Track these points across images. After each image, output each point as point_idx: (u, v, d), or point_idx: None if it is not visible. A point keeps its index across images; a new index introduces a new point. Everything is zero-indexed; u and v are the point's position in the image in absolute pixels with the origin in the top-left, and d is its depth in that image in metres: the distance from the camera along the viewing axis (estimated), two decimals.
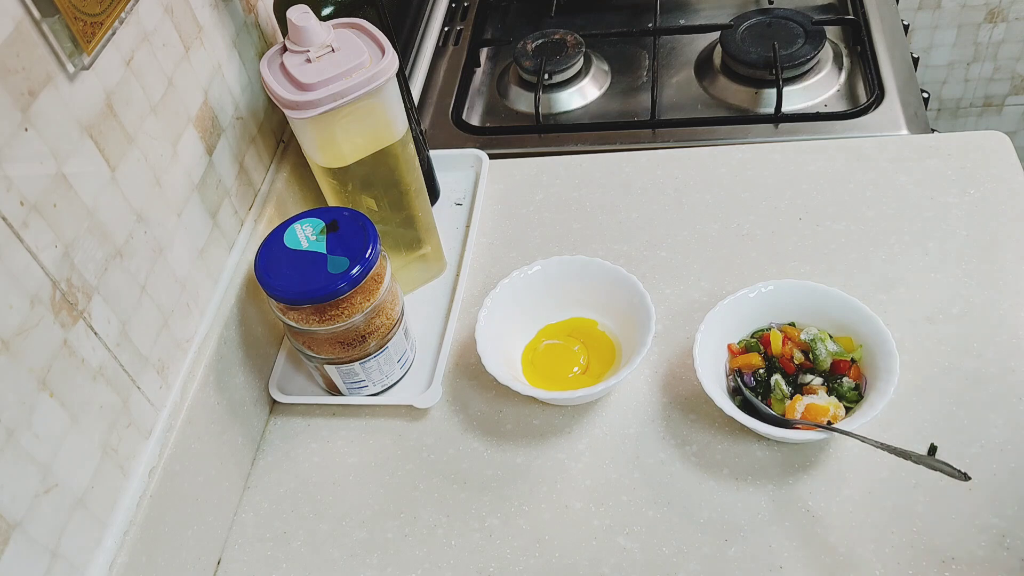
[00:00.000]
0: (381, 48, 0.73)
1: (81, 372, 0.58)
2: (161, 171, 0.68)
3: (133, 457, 0.65)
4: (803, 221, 0.89)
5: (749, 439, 0.74)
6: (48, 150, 0.55)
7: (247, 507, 0.77)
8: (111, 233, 0.62)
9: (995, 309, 0.79)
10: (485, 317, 0.79)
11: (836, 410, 0.70)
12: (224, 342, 0.75)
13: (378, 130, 0.76)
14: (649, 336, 0.74)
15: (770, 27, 1.10)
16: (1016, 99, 1.84)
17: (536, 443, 0.77)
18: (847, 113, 1.01)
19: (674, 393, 0.78)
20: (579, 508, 0.72)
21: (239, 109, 0.81)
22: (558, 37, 1.14)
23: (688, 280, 0.86)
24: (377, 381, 0.80)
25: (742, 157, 0.97)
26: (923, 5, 1.66)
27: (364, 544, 0.73)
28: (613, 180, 0.97)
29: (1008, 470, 0.69)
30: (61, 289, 0.57)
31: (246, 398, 0.79)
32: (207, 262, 0.75)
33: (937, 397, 0.74)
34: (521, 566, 0.69)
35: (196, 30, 0.73)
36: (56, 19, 0.55)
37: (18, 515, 0.53)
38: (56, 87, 0.56)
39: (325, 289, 0.70)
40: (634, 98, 1.12)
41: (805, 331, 0.75)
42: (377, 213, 0.82)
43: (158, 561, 0.65)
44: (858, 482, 0.70)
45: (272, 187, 0.86)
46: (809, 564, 0.66)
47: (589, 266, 0.82)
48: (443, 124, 1.10)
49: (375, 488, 0.76)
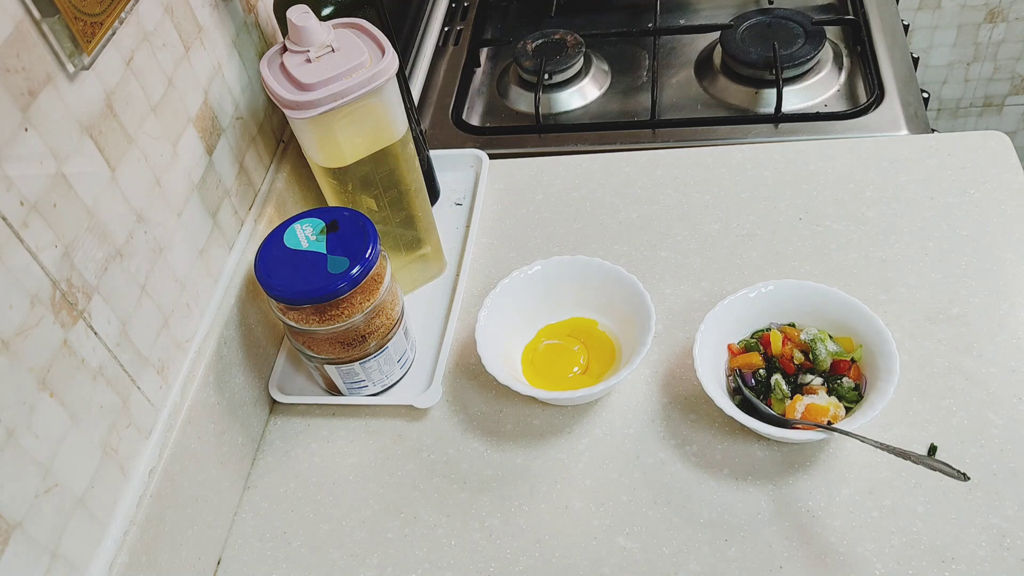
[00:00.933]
0: (381, 48, 0.73)
1: (81, 372, 0.58)
2: (161, 171, 0.68)
3: (133, 457, 0.65)
4: (803, 221, 0.89)
5: (749, 439, 0.74)
6: (48, 150, 0.55)
7: (247, 507, 0.77)
8: (111, 233, 0.62)
9: (995, 309, 0.79)
10: (485, 317, 0.79)
11: (836, 410, 0.70)
12: (224, 342, 0.75)
13: (378, 130, 0.76)
14: (649, 336, 0.74)
15: (770, 27, 1.10)
16: (1016, 99, 1.84)
17: (536, 443, 0.77)
18: (847, 113, 1.02)
19: (674, 393, 0.78)
20: (579, 508, 0.72)
21: (239, 109, 0.81)
22: (558, 37, 1.14)
23: (688, 280, 0.86)
24: (377, 381, 0.80)
25: (742, 157, 0.97)
26: (923, 5, 1.66)
27: (364, 544, 0.73)
28: (613, 180, 0.97)
29: (1008, 470, 0.69)
30: (61, 289, 0.57)
31: (246, 398, 0.79)
32: (207, 262, 0.75)
33: (937, 397, 0.74)
34: (521, 566, 0.69)
35: (196, 30, 0.73)
36: (56, 19, 0.55)
37: (18, 515, 0.53)
38: (56, 87, 0.56)
39: (325, 289, 0.70)
40: (634, 98, 1.12)
41: (805, 331, 0.75)
42: (377, 213, 0.82)
43: (158, 561, 0.65)
44: (858, 482, 0.70)
45: (272, 187, 0.86)
46: (809, 564, 0.66)
47: (589, 266, 0.82)
48: (443, 124, 1.10)
49: (375, 488, 0.76)
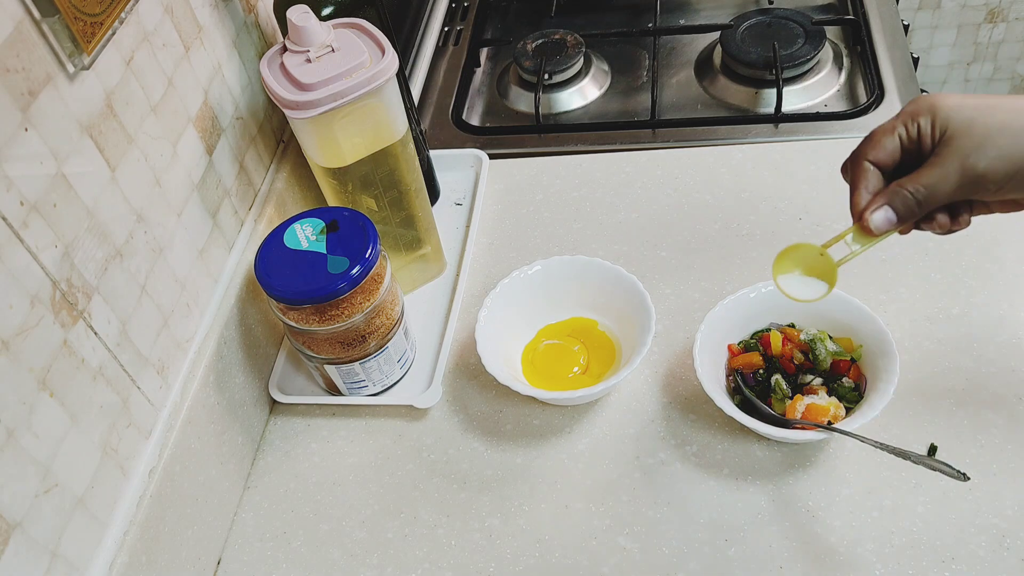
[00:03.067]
0: (381, 48, 0.73)
1: (81, 372, 0.58)
2: (161, 171, 0.68)
3: (133, 457, 0.65)
4: (803, 221, 0.89)
5: (749, 439, 0.74)
6: (48, 150, 0.55)
7: (247, 507, 0.77)
8: (111, 233, 0.62)
9: (995, 309, 0.79)
10: (485, 317, 0.79)
11: (836, 410, 0.70)
12: (224, 342, 0.75)
13: (378, 130, 0.76)
14: (649, 336, 0.74)
15: (770, 27, 1.10)
16: None
17: (536, 443, 0.77)
18: (847, 113, 1.02)
19: (674, 393, 0.78)
20: (579, 508, 0.72)
21: (239, 109, 0.81)
22: (558, 37, 1.14)
23: (688, 280, 0.86)
24: (377, 381, 0.80)
25: (742, 157, 0.97)
26: (923, 5, 1.66)
27: (364, 544, 0.73)
28: (613, 180, 0.97)
29: (1008, 470, 0.69)
30: (61, 289, 0.57)
31: (246, 398, 0.79)
32: (207, 262, 0.75)
33: (937, 397, 0.74)
34: (521, 566, 0.69)
35: (196, 30, 0.73)
36: (56, 19, 0.55)
37: (18, 515, 0.53)
38: (56, 87, 0.56)
39: (325, 289, 0.70)
40: (634, 98, 1.12)
41: (805, 331, 0.75)
42: (377, 213, 0.82)
43: (158, 561, 0.65)
44: (858, 482, 0.70)
45: (272, 187, 0.86)
46: (809, 564, 0.66)
47: (589, 266, 0.82)
48: (443, 124, 1.10)
49: (375, 488, 0.76)
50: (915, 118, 0.53)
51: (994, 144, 0.50)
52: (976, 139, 0.50)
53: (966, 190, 0.52)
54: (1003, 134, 0.50)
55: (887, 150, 0.54)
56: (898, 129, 0.53)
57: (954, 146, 0.51)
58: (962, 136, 0.51)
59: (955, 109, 0.51)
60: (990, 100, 0.52)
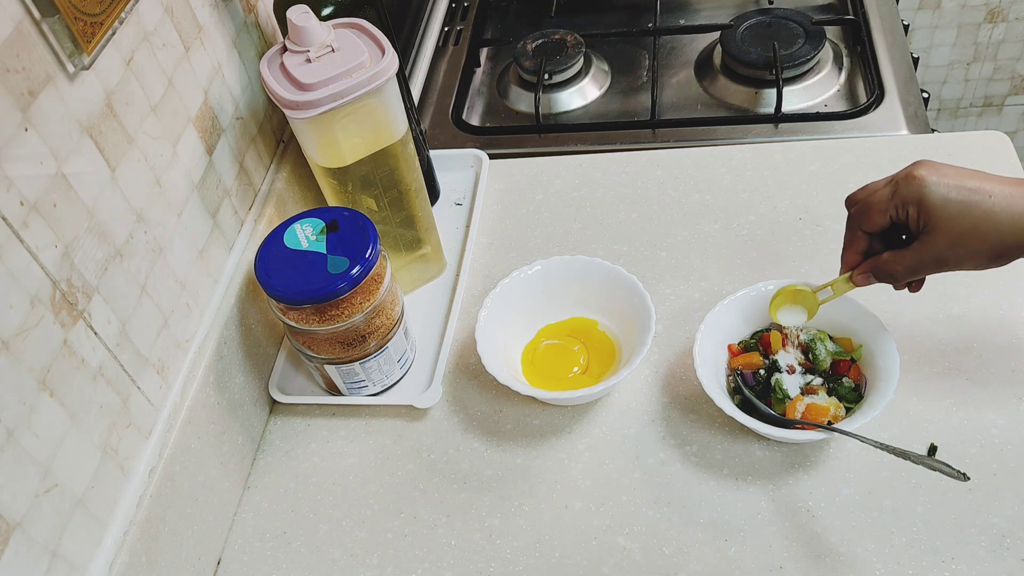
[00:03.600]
0: (381, 48, 0.73)
1: (81, 372, 0.58)
2: (161, 171, 0.68)
3: (133, 457, 0.65)
4: (803, 221, 0.89)
5: (749, 439, 0.74)
6: (48, 150, 0.55)
7: (247, 507, 0.77)
8: (111, 233, 0.62)
9: (995, 309, 0.79)
10: (485, 317, 0.79)
11: (836, 410, 0.70)
12: (224, 342, 0.75)
13: (378, 130, 0.76)
14: (649, 336, 0.74)
15: (770, 27, 1.10)
16: (1016, 99, 1.84)
17: (536, 443, 0.77)
18: (847, 113, 1.02)
19: (674, 393, 0.78)
20: (579, 508, 0.72)
21: (239, 109, 0.81)
22: (558, 37, 1.14)
23: (688, 280, 0.86)
24: (377, 381, 0.80)
25: (742, 157, 0.97)
26: (923, 5, 1.66)
27: (364, 544, 0.73)
28: (613, 180, 0.97)
29: (1008, 470, 0.69)
30: (61, 289, 0.57)
31: (246, 398, 0.79)
32: (207, 262, 0.75)
33: (937, 397, 0.74)
34: (521, 566, 0.69)
35: (196, 30, 0.73)
36: (56, 19, 0.55)
37: (18, 515, 0.53)
38: (56, 87, 0.56)
39: (325, 289, 0.70)
40: (634, 98, 1.12)
41: (805, 331, 0.75)
42: (377, 213, 0.82)
43: (158, 561, 0.65)
44: (858, 482, 0.70)
45: (272, 187, 0.86)
46: (809, 564, 0.66)
47: (589, 266, 0.82)
48: (443, 124, 1.10)
49: (375, 488, 0.76)
50: (906, 206, 0.63)
51: (965, 245, 0.62)
52: (953, 237, 0.62)
53: (934, 271, 0.65)
54: (974, 235, 0.61)
55: (877, 225, 0.65)
56: (889, 211, 0.64)
57: (934, 241, 0.62)
58: (942, 232, 0.62)
59: (940, 206, 0.61)
60: (975, 194, 0.61)
